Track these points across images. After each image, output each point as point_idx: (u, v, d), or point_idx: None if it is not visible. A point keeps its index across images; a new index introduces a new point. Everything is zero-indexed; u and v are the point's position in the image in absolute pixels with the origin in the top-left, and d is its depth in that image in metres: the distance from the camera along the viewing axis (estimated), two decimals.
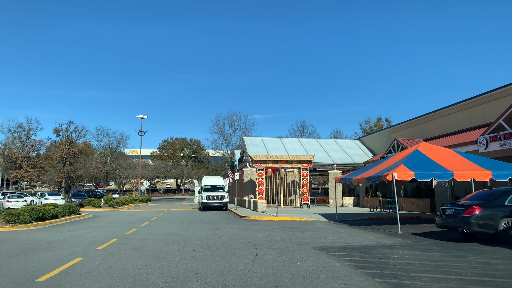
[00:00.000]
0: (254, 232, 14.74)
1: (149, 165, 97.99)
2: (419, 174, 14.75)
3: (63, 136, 78.39)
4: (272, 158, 31.04)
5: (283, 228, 16.28)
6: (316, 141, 41.25)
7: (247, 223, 18.64)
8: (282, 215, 21.82)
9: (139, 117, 58.93)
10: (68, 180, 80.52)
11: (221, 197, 30.36)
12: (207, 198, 30.09)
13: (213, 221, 20.13)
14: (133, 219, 23.21)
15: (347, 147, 39.69)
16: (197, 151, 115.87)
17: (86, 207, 37.40)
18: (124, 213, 29.59)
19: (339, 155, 37.34)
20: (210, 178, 33.87)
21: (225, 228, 16.52)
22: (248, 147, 37.60)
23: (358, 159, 36.79)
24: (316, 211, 26.32)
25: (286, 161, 31.05)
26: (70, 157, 76.45)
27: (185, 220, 21.51)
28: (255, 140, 40.05)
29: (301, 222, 18.90)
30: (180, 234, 14.44)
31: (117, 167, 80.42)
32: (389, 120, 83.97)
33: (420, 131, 30.11)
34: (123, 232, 15.52)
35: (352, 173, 19.62)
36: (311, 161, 31.50)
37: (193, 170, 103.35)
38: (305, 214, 23.06)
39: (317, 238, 12.65)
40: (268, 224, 17.99)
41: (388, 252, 9.79)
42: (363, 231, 14.74)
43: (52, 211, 21.77)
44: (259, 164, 30.81)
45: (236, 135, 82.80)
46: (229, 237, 13.09)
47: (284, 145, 39.10)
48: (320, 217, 21.22)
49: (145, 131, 59.60)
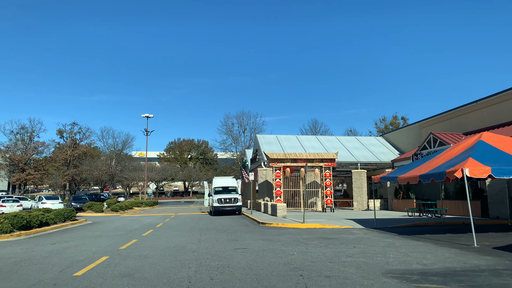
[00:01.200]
0: (285, 245, 11.50)
1: (156, 167, 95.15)
2: (497, 169, 11.41)
3: (66, 138, 75.76)
4: (291, 157, 27.79)
5: (318, 239, 13.02)
6: (336, 139, 37.90)
7: (270, 232, 15.40)
8: (309, 222, 18.52)
9: (144, 116, 56.05)
10: (73, 183, 77.85)
11: (234, 200, 27.16)
12: (219, 202, 26.91)
13: (229, 229, 16.92)
14: (135, 226, 20.09)
15: (370, 145, 36.29)
16: (205, 153, 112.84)
17: (87, 212, 34.46)
18: (127, 219, 26.51)
19: (362, 153, 33.97)
20: (222, 179, 30.69)
21: (245, 239, 13.29)
22: (262, 145, 34.39)
23: (383, 158, 33.39)
24: (344, 216, 23.00)
25: (306, 159, 27.76)
26: (74, 159, 73.77)
27: (195, 227, 18.33)
28: (269, 138, 36.82)
29: (336, 230, 15.61)
30: (190, 248, 11.25)
31: (123, 169, 77.57)
32: (406, 118, 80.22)
33: (459, 124, 26.65)
34: (118, 245, 12.37)
35: (396, 171, 16.29)
36: (334, 160, 28.20)
37: (201, 172, 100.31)
38: (335, 220, 19.76)
39: (374, 256, 9.38)
40: (297, 234, 14.73)
41: (504, 284, 6.50)
42: (426, 244, 11.43)
43: (41, 217, 18.73)
44: (276, 163, 27.56)
45: (245, 135, 79.67)
46: (255, 255, 9.86)
47: (301, 142, 35.81)
48: (355, 224, 17.91)
49: (151, 130, 56.69)
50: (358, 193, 31.22)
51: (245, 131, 79.71)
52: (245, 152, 49.02)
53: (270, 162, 27.62)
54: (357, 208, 30.98)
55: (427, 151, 25.31)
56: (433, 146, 25.12)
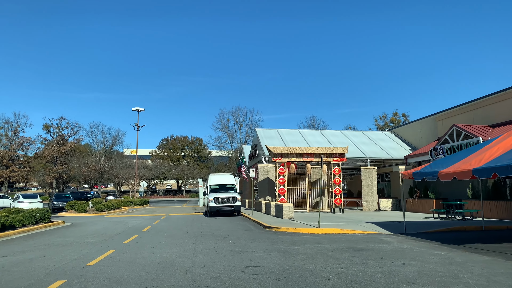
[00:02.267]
0: (309, 261, 8.61)
1: (148, 165, 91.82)
2: None
3: (53, 133, 72.17)
4: (296, 151, 24.90)
5: (347, 250, 10.16)
6: (341, 133, 35.10)
7: (281, 240, 12.50)
8: (324, 225, 15.64)
9: (135, 110, 52.92)
10: (60, 181, 74.30)
11: (233, 199, 24.23)
12: (215, 201, 23.96)
13: (229, 235, 14.00)
14: (118, 229, 17.10)
15: (378, 140, 33.55)
16: (199, 150, 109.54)
17: (69, 212, 31.33)
18: (111, 220, 23.48)
19: (371, 148, 31.21)
20: (218, 176, 27.72)
21: (253, 250, 10.39)
22: (262, 140, 31.49)
23: (394, 153, 30.67)
24: (357, 218, 20.18)
25: (313, 154, 24.92)
26: (61, 155, 70.23)
27: (189, 232, 15.38)
28: (270, 132, 33.92)
29: (361, 238, 12.77)
30: (182, 265, 8.33)
31: (113, 167, 74.24)
32: (407, 115, 77.88)
33: (483, 115, 23.95)
34: (88, 258, 9.41)
35: (431, 166, 13.45)
36: (344, 155, 25.38)
37: (195, 170, 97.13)
38: (352, 223, 16.91)
39: (446, 282, 6.52)
40: (316, 242, 11.84)
41: None
42: (495, 260, 8.61)
43: (4, 220, 15.66)
44: (280, 158, 24.67)
45: (241, 132, 76.84)
46: (276, 279, 6.95)
47: (304, 137, 32.96)
48: (378, 228, 15.08)
49: (142, 125, 53.67)
50: (367, 192, 28.47)
51: (241, 127, 76.91)
52: (242, 148, 46.09)
53: (273, 157, 24.73)
54: (366, 209, 28.23)
55: (449, 145, 22.59)
56: (456, 139, 22.41)
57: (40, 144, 72.47)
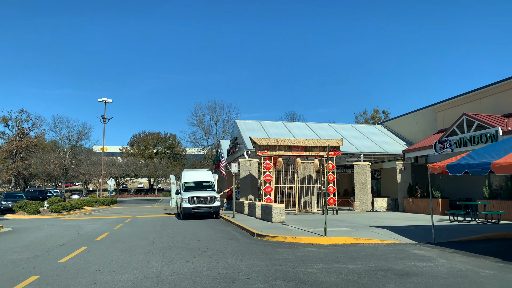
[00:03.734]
0: None
1: (118, 162, 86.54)
2: None
3: (12, 127, 66.27)
4: (284, 143, 21.62)
5: (382, 274, 6.93)
6: (329, 126, 32.11)
7: (282, 255, 9.15)
8: (331, 233, 12.35)
9: (102, 101, 48.24)
10: (20, 178, 68.44)
11: (211, 199, 20.71)
12: (190, 201, 20.38)
13: (209, 247, 10.54)
14: (66, 238, 13.33)
15: (370, 134, 30.75)
16: (172, 147, 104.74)
17: (18, 213, 26.99)
18: (63, 224, 19.51)
19: (363, 143, 28.33)
20: (194, 172, 24.07)
21: (247, 275, 7.00)
22: (243, 132, 28.07)
23: (389, 148, 27.92)
24: (360, 221, 17.08)
25: (303, 147, 21.72)
26: (21, 151, 64.53)
27: (156, 242, 11.81)
28: (252, 124, 30.52)
29: (385, 251, 9.58)
30: None
31: (79, 163, 68.94)
32: (387, 112, 76.13)
33: (494, 104, 21.38)
34: None
35: (470, 156, 10.41)
36: (339, 148, 22.29)
37: (168, 167, 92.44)
38: (361, 229, 13.74)
39: None
40: (332, 259, 8.54)
41: None
42: None
43: None
44: (266, 152, 21.33)
45: (217, 128, 73.02)
46: None
47: (290, 130, 29.76)
48: (397, 236, 11.98)
49: (109, 118, 49.03)
50: (361, 190, 25.56)
51: (217, 122, 73.11)
52: (219, 143, 42.53)
53: (258, 151, 21.35)
54: (359, 209, 25.32)
55: (458, 137, 19.84)
56: (467, 130, 19.70)
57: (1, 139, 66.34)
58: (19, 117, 65.70)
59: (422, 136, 27.58)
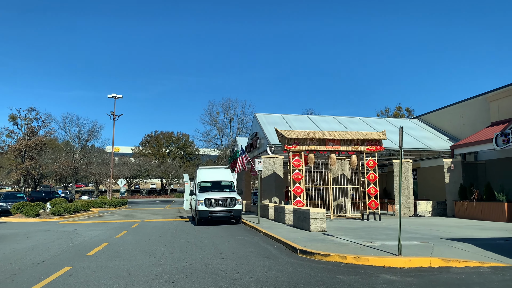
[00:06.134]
0: None
1: (129, 162, 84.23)
2: None
3: (21, 125, 64.26)
4: (317, 136, 18.40)
5: None
6: (360, 120, 28.76)
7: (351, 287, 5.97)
8: (408, 253, 9.10)
9: (111, 97, 45.72)
10: (29, 179, 66.36)
11: (231, 201, 17.63)
12: (207, 204, 17.32)
13: (241, 272, 7.41)
14: (51, 251, 10.38)
15: (407, 128, 27.30)
16: (185, 147, 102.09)
17: (15, 216, 24.38)
18: (58, 230, 16.63)
19: None
20: (211, 170, 21.00)
21: None
22: (264, 126, 24.96)
23: (432, 144, 24.53)
24: (418, 230, 13.77)
25: (339, 140, 18.48)
26: (30, 150, 62.37)
27: (164, 261, 8.74)
28: (273, 118, 27.37)
29: (498, 277, 6.32)
30: None
31: (89, 163, 66.71)
32: (410, 110, 72.35)
33: None
34: None
35: None
36: (381, 142, 19.01)
37: (181, 168, 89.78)
38: (436, 243, 10.43)
39: None
40: None
41: None
42: None
43: None
44: (295, 146, 18.14)
45: (232, 126, 70.01)
46: None
47: (316, 124, 26.52)
48: (490, 253, 8.68)
49: (119, 114, 46.43)
50: (401, 192, 22.10)
51: (231, 121, 70.07)
52: (236, 141, 39.43)
53: (286, 145, 18.17)
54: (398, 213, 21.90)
55: None
56: None
57: (6, 137, 64.34)
58: (28, 115, 63.67)
59: (469, 130, 24.05)
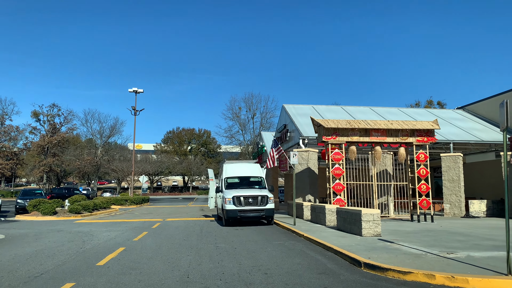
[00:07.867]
0: None
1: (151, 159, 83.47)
2: None
3: (44, 122, 64.05)
4: (360, 125, 16.19)
5: None
6: (399, 111, 26.29)
7: None
8: (484, 261, 6.89)
9: (132, 91, 44.37)
10: (52, 175, 66.21)
11: (262, 200, 15.64)
12: (236, 202, 15.39)
13: None
14: (55, 260, 8.63)
15: (452, 119, 24.73)
16: (207, 143, 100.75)
17: (32, 214, 23.12)
18: (72, 231, 15.01)
19: (449, 129, 22.44)
20: (238, 165, 19.04)
21: None
22: (295, 118, 22.87)
23: (483, 136, 21.94)
24: (487, 235, 11.46)
25: (385, 130, 16.23)
26: (53, 146, 62.08)
27: (192, 275, 6.79)
28: (303, 108, 25.22)
29: None
30: None
31: (111, 160, 65.99)
32: (442, 103, 68.68)
33: None
34: None
35: None
36: (433, 132, 16.66)
37: (202, 165, 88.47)
38: None
39: None
40: None
41: None
42: None
43: None
44: (335, 137, 15.97)
45: (254, 122, 67.81)
46: None
47: (351, 115, 24.23)
48: None
49: (140, 109, 45.04)
50: (451, 189, 19.71)
51: (254, 116, 67.87)
52: (260, 135, 37.41)
53: (324, 136, 16.02)
54: (450, 214, 19.51)
55: None
56: None
57: (29, 134, 64.31)
58: (50, 112, 63.44)
59: None
